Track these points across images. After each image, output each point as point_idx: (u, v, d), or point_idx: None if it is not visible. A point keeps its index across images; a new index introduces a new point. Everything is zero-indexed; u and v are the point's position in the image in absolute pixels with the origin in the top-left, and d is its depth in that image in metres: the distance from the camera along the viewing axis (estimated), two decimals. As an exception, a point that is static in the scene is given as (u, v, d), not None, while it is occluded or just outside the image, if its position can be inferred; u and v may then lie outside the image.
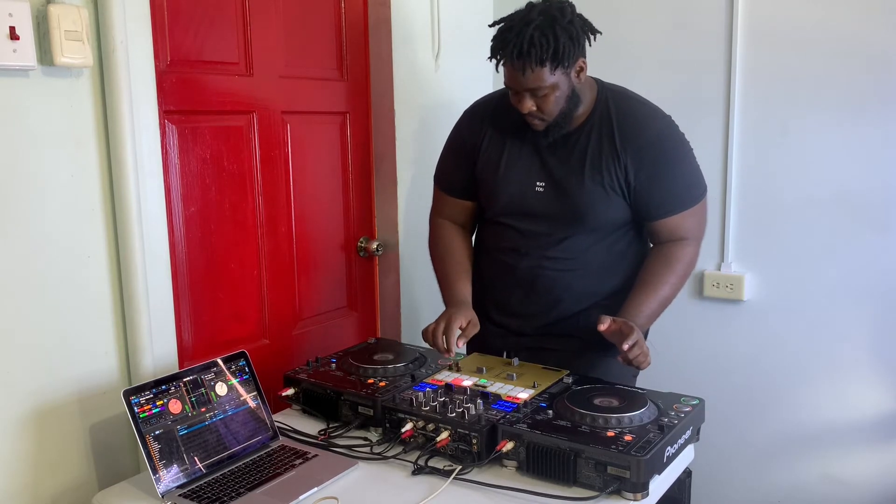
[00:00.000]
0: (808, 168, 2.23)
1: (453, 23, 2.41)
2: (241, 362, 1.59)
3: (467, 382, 1.63)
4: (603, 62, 2.46)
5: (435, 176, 1.95)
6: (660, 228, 1.76)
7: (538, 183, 1.75)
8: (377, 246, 2.31)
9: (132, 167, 1.54)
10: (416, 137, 2.32)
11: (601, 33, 1.68)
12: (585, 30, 1.64)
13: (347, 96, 2.21)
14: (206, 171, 1.83)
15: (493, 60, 1.64)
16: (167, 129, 1.72)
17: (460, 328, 1.71)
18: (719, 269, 2.40)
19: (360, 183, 2.29)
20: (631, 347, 1.56)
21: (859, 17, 2.11)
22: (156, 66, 1.61)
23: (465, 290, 1.83)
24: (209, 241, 1.85)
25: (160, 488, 1.36)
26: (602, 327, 1.60)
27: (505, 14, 1.65)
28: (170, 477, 1.38)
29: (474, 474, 1.40)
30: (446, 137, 1.92)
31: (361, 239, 2.31)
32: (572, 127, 1.71)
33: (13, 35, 1.33)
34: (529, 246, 1.78)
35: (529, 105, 1.64)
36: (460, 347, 1.71)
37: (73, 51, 1.42)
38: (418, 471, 1.42)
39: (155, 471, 1.36)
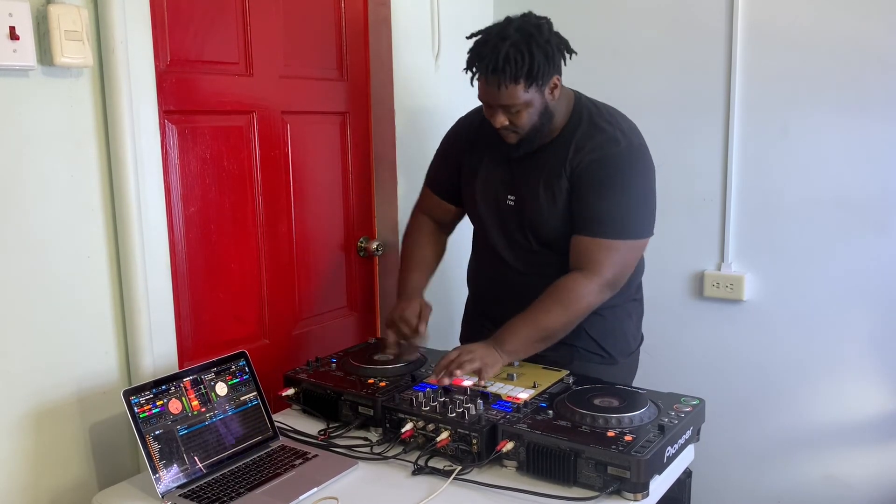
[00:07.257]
0: (808, 168, 2.23)
1: (453, 23, 2.41)
2: (241, 362, 1.59)
3: (467, 382, 1.63)
4: (603, 63, 2.47)
5: (426, 174, 1.99)
6: (572, 246, 1.68)
7: (509, 196, 1.76)
8: (377, 246, 2.31)
9: (132, 167, 1.54)
10: (415, 137, 2.32)
11: (577, 53, 1.66)
12: (561, 48, 1.63)
13: (347, 96, 2.21)
14: (206, 171, 1.83)
15: (469, 73, 1.64)
16: (167, 129, 1.72)
17: (417, 316, 1.77)
18: (719, 269, 2.40)
19: (360, 183, 2.29)
20: (447, 369, 1.57)
21: (859, 18, 2.10)
22: (156, 66, 1.61)
23: (419, 280, 1.88)
24: (209, 241, 1.85)
25: (160, 488, 1.36)
26: (445, 383, 1.58)
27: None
28: (170, 477, 1.38)
29: (474, 474, 1.40)
30: (445, 138, 1.93)
31: (361, 239, 2.31)
32: (545, 141, 1.70)
33: (13, 35, 1.33)
34: (512, 256, 1.80)
35: (502, 120, 1.64)
36: (423, 331, 1.77)
37: (73, 51, 1.42)
38: (418, 471, 1.43)
39: (155, 471, 1.36)
